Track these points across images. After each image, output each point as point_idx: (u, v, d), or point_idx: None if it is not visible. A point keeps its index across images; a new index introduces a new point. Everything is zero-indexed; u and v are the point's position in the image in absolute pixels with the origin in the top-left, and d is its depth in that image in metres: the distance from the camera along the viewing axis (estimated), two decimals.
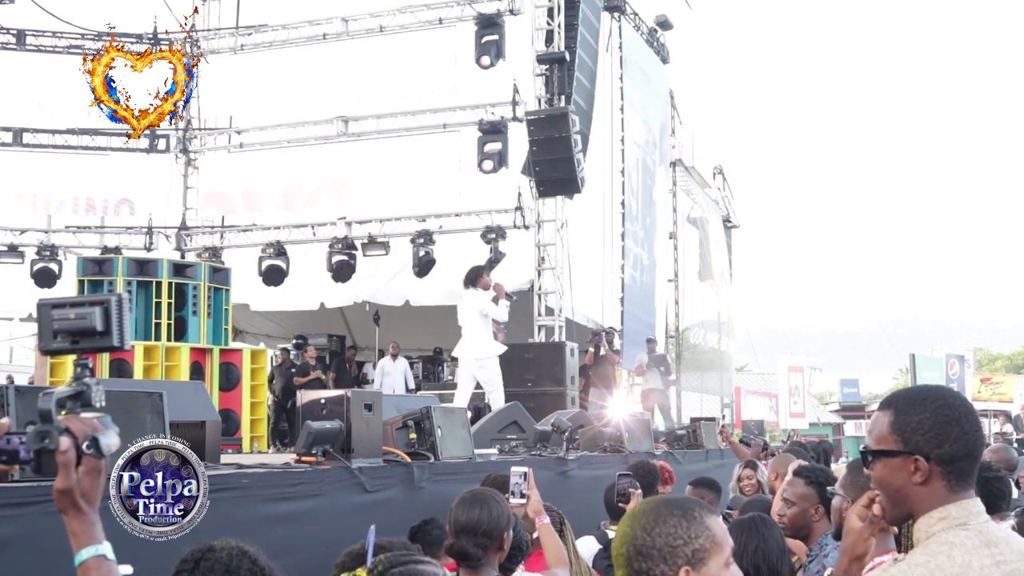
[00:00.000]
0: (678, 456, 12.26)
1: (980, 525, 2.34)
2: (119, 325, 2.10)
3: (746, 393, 36.88)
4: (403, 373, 19.27)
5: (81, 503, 1.96)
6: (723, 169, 31.87)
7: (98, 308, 2.09)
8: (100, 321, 2.08)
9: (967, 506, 2.36)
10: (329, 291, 19.73)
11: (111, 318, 2.09)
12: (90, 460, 1.96)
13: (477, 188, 18.55)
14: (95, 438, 1.96)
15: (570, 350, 14.92)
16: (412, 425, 7.30)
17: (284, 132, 20.78)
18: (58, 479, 1.95)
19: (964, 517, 2.34)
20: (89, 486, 1.97)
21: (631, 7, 22.06)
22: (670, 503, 2.38)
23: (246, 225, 20.88)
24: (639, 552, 2.28)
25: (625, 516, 2.42)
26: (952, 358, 37.30)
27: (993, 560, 2.28)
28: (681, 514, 2.30)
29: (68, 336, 2.11)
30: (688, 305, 27.56)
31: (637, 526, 2.31)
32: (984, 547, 2.30)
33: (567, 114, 16.47)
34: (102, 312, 2.09)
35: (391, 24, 19.44)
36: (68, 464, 1.94)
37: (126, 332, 2.10)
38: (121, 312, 2.10)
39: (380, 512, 6.28)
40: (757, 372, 46.71)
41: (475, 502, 4.12)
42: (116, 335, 2.09)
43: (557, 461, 9.01)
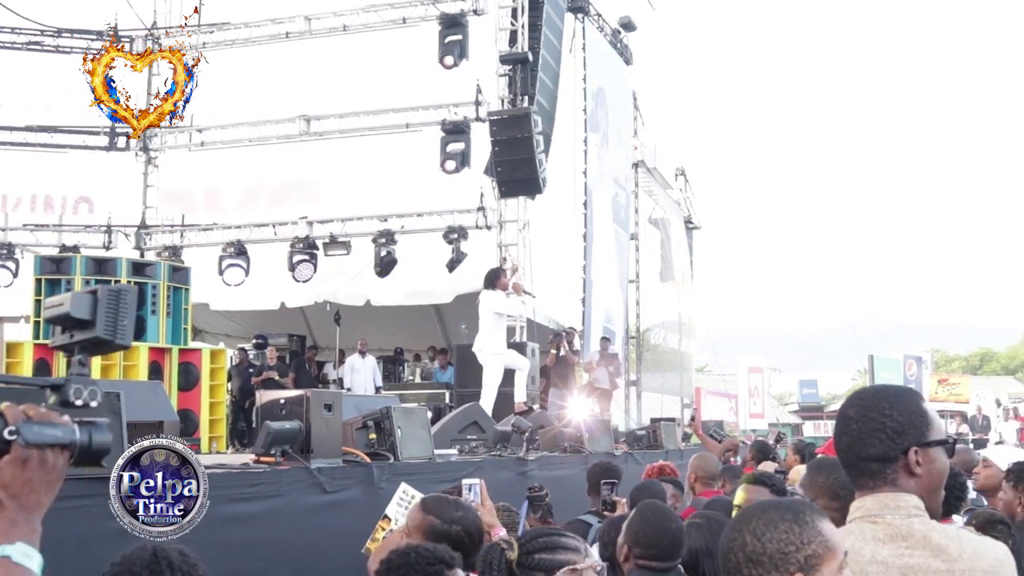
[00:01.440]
0: (638, 456, 12.29)
1: (896, 519, 2.41)
2: (109, 316, 1.99)
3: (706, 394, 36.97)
4: (372, 371, 19.27)
5: (1, 494, 1.79)
6: (685, 170, 31.98)
7: (87, 296, 2.00)
8: (86, 309, 1.99)
9: (883, 500, 2.44)
10: (290, 291, 19.66)
11: (98, 307, 1.99)
12: (17, 448, 1.79)
13: (439, 188, 18.55)
14: (21, 425, 1.80)
15: (531, 350, 14.93)
16: (372, 425, 7.28)
17: (246, 131, 20.66)
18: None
19: (878, 510, 2.43)
20: (11, 477, 1.79)
21: (595, 8, 22.11)
22: (780, 507, 2.25)
23: (207, 224, 20.75)
24: (749, 559, 2.16)
25: (733, 521, 2.30)
26: (910, 359, 37.66)
27: (896, 552, 2.36)
28: (793, 519, 2.17)
29: (59, 326, 2.02)
30: (649, 306, 27.64)
31: (747, 532, 2.18)
32: (890, 540, 2.38)
33: (530, 115, 16.50)
34: (89, 300, 1.99)
35: (354, 23, 19.38)
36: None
37: (121, 326, 1.99)
38: (116, 304, 2.00)
39: (339, 512, 6.27)
40: (717, 373, 46.87)
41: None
42: (102, 325, 1.99)
43: (517, 461, 9.03)
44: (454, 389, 16.32)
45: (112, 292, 1.95)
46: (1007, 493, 5.52)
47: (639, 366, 26.52)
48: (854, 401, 2.57)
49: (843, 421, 2.55)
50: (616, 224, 23.79)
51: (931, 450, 2.48)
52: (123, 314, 1.96)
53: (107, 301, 1.94)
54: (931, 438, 2.48)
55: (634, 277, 26.56)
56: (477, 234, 18.19)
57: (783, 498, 4.28)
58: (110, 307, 1.94)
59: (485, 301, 12.81)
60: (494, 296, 12.74)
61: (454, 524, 3.85)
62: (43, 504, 1.83)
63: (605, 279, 22.35)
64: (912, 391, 2.61)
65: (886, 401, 2.50)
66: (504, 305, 12.82)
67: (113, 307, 1.95)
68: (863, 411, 2.51)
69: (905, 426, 2.46)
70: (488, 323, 12.74)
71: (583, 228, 20.74)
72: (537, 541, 2.48)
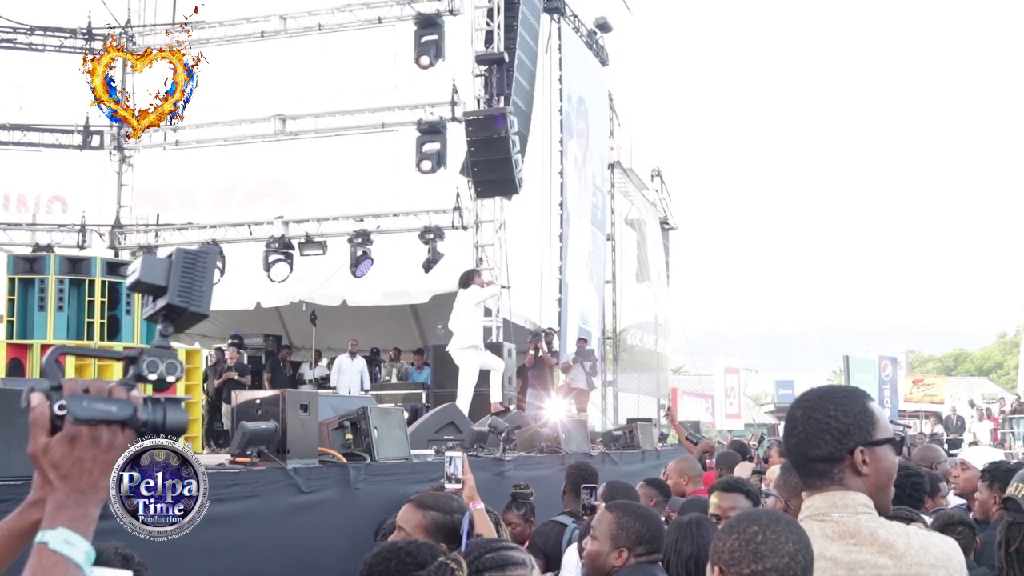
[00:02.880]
0: (615, 457, 12.31)
1: (843, 517, 2.45)
2: (184, 281, 1.84)
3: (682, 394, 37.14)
4: (360, 371, 19.28)
5: (51, 476, 1.64)
6: (661, 171, 32.05)
7: (162, 260, 1.85)
8: (159, 274, 1.84)
9: (831, 498, 2.48)
10: (265, 290, 19.58)
11: (172, 271, 1.84)
12: (68, 425, 1.63)
13: (415, 188, 18.53)
14: (71, 399, 1.64)
15: (507, 351, 14.93)
16: (348, 426, 7.26)
17: (221, 130, 20.57)
18: (29, 442, 1.66)
19: (826, 508, 2.47)
20: (60, 456, 1.64)
21: (571, 9, 22.15)
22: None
23: (181, 223, 20.65)
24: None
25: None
26: (885, 360, 37.84)
27: (844, 549, 2.40)
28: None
29: (142, 295, 1.89)
30: (625, 306, 27.71)
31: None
32: (838, 538, 2.42)
33: (506, 115, 16.49)
34: (164, 265, 1.85)
35: (330, 23, 19.33)
36: (36, 423, 1.64)
37: (197, 292, 1.84)
38: (193, 267, 1.85)
39: (316, 513, 6.25)
40: (693, 373, 47.02)
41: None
42: (175, 291, 1.84)
43: (494, 462, 9.02)
44: (431, 389, 16.30)
45: (188, 254, 1.83)
46: (982, 493, 5.55)
47: (616, 367, 26.57)
48: (801, 403, 2.60)
49: (790, 422, 2.59)
50: (592, 225, 23.84)
51: (878, 449, 2.52)
52: (200, 278, 1.82)
53: (182, 264, 1.81)
54: (877, 437, 2.52)
55: (611, 278, 26.63)
56: (453, 234, 18.19)
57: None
58: (185, 271, 1.81)
59: (462, 298, 12.97)
60: (470, 290, 12.94)
61: (455, 514, 4.02)
62: (99, 487, 1.67)
63: (580, 280, 22.38)
64: (859, 391, 2.65)
65: (831, 403, 2.54)
66: (481, 294, 12.98)
67: (189, 271, 1.82)
68: (809, 412, 2.55)
69: (850, 426, 2.50)
70: (464, 320, 12.84)
71: (559, 228, 20.76)
72: (485, 559, 2.46)
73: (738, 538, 2.27)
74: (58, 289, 12.42)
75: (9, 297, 12.72)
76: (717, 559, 2.30)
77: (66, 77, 18.01)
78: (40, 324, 12.30)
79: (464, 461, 4.94)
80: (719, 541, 2.32)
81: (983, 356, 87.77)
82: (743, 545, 2.27)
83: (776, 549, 2.22)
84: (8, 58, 20.15)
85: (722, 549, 2.30)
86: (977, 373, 74.39)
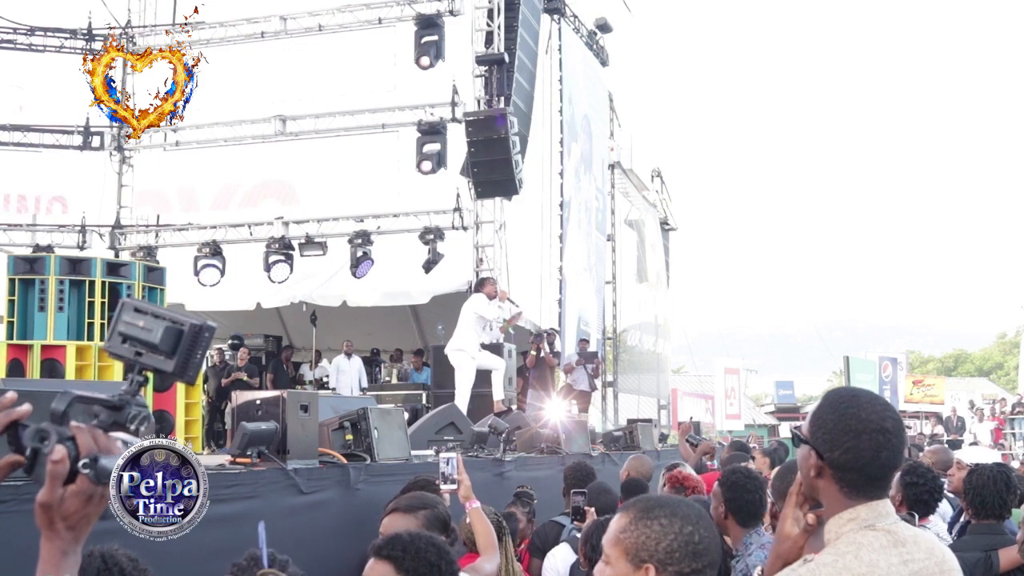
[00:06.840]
0: (615, 458, 12.30)
1: (889, 526, 2.42)
2: (185, 355, 1.91)
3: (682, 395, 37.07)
4: (358, 371, 19.32)
5: (59, 526, 1.71)
6: (661, 172, 32.03)
7: (172, 328, 1.91)
8: (170, 344, 1.90)
9: (876, 508, 2.44)
10: (266, 291, 19.57)
11: (181, 343, 1.91)
12: (84, 481, 1.70)
13: (415, 189, 18.52)
14: (96, 458, 1.71)
15: (508, 351, 14.92)
16: (348, 426, 7.25)
17: (221, 131, 20.57)
18: (42, 491, 1.70)
19: (873, 518, 2.42)
20: (74, 510, 1.71)
21: (571, 10, 22.15)
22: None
23: (182, 224, 20.64)
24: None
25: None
26: (885, 360, 37.84)
27: (901, 559, 2.37)
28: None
29: (132, 344, 1.94)
30: (625, 307, 27.69)
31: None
32: (892, 547, 2.38)
33: (506, 115, 16.49)
34: (173, 333, 1.91)
35: (330, 23, 19.32)
36: (56, 476, 1.69)
37: (192, 365, 1.91)
38: (195, 343, 1.92)
39: (316, 514, 6.24)
40: (693, 374, 46.94)
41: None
42: (178, 363, 1.91)
43: (494, 462, 9.01)
44: (431, 390, 16.28)
45: (195, 329, 1.90)
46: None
47: (616, 367, 26.55)
48: (888, 413, 2.48)
49: (882, 434, 2.43)
50: (592, 226, 23.83)
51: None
52: (198, 354, 1.91)
53: (190, 339, 1.89)
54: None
55: (611, 278, 26.62)
56: (453, 235, 18.18)
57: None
58: (192, 346, 1.90)
59: (469, 303, 13.15)
60: (478, 298, 13.05)
61: (438, 505, 4.20)
62: (87, 534, 1.79)
63: (580, 281, 22.37)
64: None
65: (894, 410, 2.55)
66: (485, 308, 12.99)
67: (190, 346, 1.90)
68: (898, 423, 2.48)
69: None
70: (466, 324, 12.97)
71: (559, 229, 20.76)
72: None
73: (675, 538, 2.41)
74: (58, 290, 12.41)
75: (9, 298, 12.72)
76: (649, 557, 2.41)
77: (66, 77, 18.01)
78: (40, 325, 12.30)
79: (459, 461, 5.00)
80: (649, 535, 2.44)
81: (983, 357, 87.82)
82: (682, 546, 2.40)
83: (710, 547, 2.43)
84: (8, 58, 20.15)
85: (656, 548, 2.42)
86: (977, 374, 74.40)
